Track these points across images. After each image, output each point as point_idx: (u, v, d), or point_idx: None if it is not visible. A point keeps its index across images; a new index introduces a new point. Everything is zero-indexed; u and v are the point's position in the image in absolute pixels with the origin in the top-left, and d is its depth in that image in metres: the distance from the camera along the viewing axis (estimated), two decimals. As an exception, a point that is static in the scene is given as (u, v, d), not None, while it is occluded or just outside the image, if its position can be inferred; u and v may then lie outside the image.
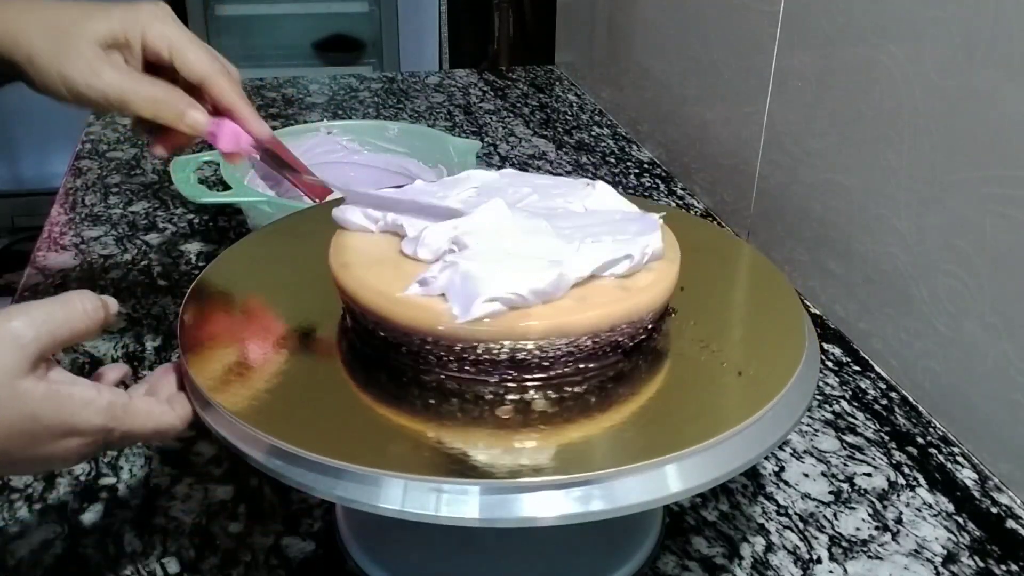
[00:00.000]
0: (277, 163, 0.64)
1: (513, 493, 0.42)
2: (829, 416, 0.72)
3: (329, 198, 0.65)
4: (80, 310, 0.44)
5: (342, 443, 0.45)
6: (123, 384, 0.50)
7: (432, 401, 0.48)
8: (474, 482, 0.42)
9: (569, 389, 0.48)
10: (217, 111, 0.61)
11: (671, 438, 0.45)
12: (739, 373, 0.51)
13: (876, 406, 0.73)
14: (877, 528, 0.61)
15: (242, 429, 0.45)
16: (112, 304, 0.46)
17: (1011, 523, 0.62)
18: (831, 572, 0.58)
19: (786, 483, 0.65)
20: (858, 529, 0.61)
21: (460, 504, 0.42)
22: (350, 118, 1.31)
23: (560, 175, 1.04)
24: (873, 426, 0.71)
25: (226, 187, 0.84)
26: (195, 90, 0.60)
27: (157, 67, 0.59)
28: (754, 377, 0.50)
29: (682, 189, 1.11)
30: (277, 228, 0.69)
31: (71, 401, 0.42)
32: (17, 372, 0.40)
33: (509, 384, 0.48)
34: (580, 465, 0.43)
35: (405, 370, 0.49)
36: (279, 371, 0.51)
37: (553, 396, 0.48)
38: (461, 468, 0.44)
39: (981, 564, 0.58)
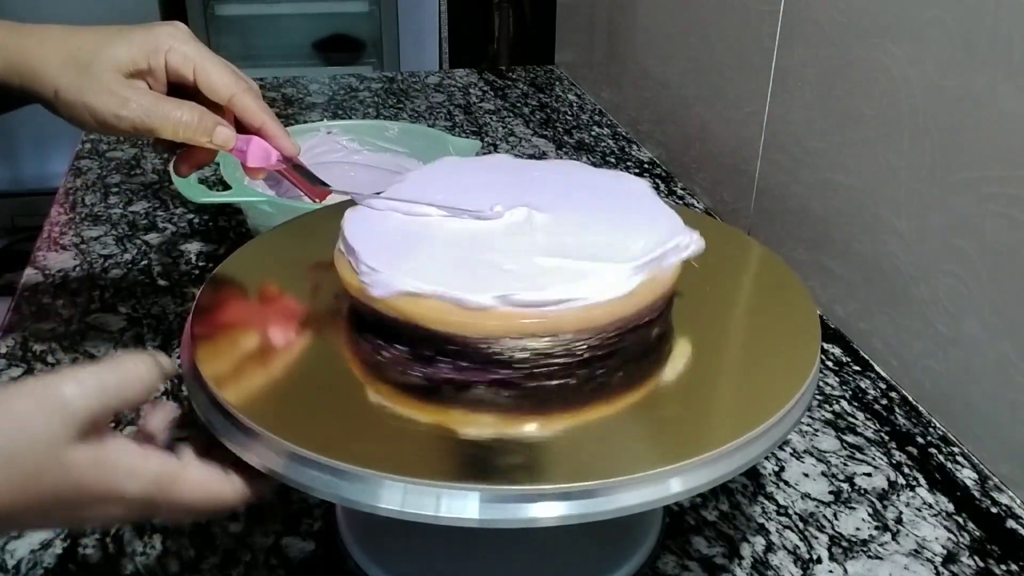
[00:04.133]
0: (301, 178, 0.64)
1: (513, 494, 0.42)
2: (829, 416, 0.72)
3: (328, 199, 0.65)
4: (135, 377, 0.42)
5: (343, 443, 0.45)
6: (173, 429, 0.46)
7: (432, 400, 0.48)
8: (474, 484, 0.42)
9: (568, 389, 0.48)
10: (243, 128, 0.60)
11: (671, 440, 0.45)
12: (746, 374, 0.51)
13: (876, 406, 0.73)
14: (877, 528, 0.61)
15: (245, 428, 0.45)
16: (166, 362, 0.44)
17: (1011, 523, 0.62)
18: (831, 572, 0.58)
19: (786, 483, 0.65)
20: (858, 529, 0.61)
21: (460, 505, 0.41)
22: (350, 118, 1.31)
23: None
24: (873, 426, 0.71)
25: (226, 187, 0.84)
26: (218, 108, 0.59)
27: (179, 88, 0.59)
28: (759, 382, 0.50)
29: (682, 189, 1.11)
30: (286, 229, 0.68)
31: (115, 471, 0.41)
32: (65, 441, 0.39)
33: (507, 383, 0.48)
34: (580, 466, 0.43)
35: (405, 369, 0.49)
36: (282, 371, 0.51)
37: (552, 396, 0.48)
38: (461, 468, 0.44)
39: (981, 564, 0.58)
